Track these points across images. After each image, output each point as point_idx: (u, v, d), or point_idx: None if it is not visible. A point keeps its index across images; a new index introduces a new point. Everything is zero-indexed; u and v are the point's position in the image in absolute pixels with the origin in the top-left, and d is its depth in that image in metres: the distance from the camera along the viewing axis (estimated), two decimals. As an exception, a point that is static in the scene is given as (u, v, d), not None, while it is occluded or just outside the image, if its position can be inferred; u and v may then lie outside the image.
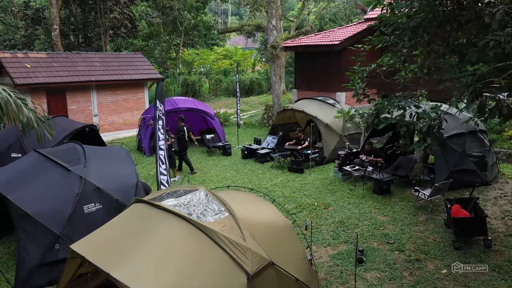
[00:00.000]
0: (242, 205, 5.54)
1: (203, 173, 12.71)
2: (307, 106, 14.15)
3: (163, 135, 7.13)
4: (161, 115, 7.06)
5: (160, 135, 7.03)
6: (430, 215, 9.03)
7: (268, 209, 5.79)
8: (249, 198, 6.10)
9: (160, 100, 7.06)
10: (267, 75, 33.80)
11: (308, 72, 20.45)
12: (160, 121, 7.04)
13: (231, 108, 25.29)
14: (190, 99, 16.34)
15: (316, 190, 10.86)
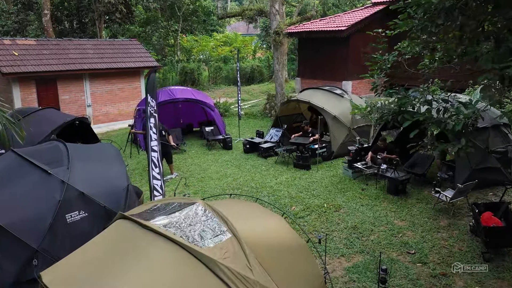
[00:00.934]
0: (246, 222, 4.67)
1: (202, 170, 11.83)
2: (313, 96, 13.21)
3: (156, 134, 6.23)
4: (153, 112, 6.15)
5: (152, 135, 6.13)
6: (453, 220, 8.18)
7: (278, 225, 4.92)
8: (255, 211, 5.22)
9: (151, 94, 6.14)
10: (269, 62, 32.72)
11: (312, 59, 19.48)
12: (152, 118, 6.13)
13: (231, 97, 24.32)
14: (189, 88, 15.39)
15: (325, 189, 9.99)
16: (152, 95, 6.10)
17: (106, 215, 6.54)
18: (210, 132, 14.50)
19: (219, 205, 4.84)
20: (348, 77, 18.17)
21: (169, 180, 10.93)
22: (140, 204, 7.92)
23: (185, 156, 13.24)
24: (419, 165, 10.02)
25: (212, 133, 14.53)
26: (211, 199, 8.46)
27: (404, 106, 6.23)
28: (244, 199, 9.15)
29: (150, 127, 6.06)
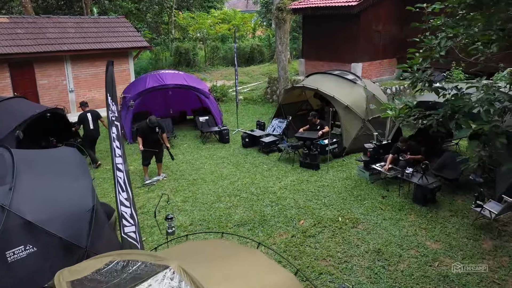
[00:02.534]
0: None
1: (195, 169, 10.25)
2: (321, 82, 11.51)
3: (120, 149, 4.58)
4: (114, 119, 4.48)
5: (116, 149, 4.48)
6: (499, 241, 6.66)
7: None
8: (255, 267, 3.64)
9: (111, 93, 4.45)
10: (269, 41, 30.73)
11: (318, 39, 17.64)
12: (114, 127, 4.47)
13: (229, 80, 22.55)
14: (180, 73, 13.67)
15: (338, 196, 8.45)
16: (112, 95, 4.43)
17: (64, 249, 5.04)
18: (204, 122, 12.87)
19: (200, 264, 3.29)
20: (358, 58, 16.39)
21: (154, 184, 9.37)
22: (113, 225, 6.42)
23: (176, 151, 11.64)
24: (450, 168, 8.45)
25: (207, 123, 12.89)
26: (195, 235, 6.97)
27: (458, 108, 4.59)
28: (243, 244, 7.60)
29: (112, 138, 4.42)
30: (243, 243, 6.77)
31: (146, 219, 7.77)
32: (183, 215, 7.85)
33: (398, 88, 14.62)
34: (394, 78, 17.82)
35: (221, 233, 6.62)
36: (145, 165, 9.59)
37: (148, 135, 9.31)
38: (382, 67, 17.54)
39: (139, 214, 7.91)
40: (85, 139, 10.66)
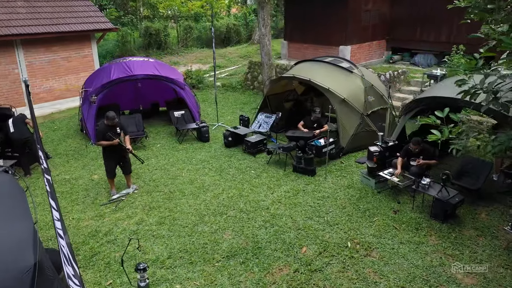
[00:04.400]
0: None
1: (171, 177, 8.77)
2: (313, 72, 10.11)
3: (58, 211, 3.06)
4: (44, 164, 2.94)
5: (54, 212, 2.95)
6: (542, 272, 5.58)
7: None
8: None
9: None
10: (246, 19, 28.92)
11: (303, 19, 16.13)
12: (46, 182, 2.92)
13: (205, 64, 20.83)
14: (151, 60, 11.94)
15: (342, 211, 7.20)
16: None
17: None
18: (180, 118, 11.30)
19: None
20: (347, 41, 15.02)
21: (123, 199, 7.86)
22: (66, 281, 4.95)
23: (148, 154, 10.10)
24: (471, 176, 7.31)
25: (183, 119, 11.33)
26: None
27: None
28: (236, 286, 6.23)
29: (47, 183, 2.89)
30: (235, 285, 5.46)
31: (114, 250, 6.32)
32: (159, 244, 6.43)
33: (391, 74, 13.39)
34: (383, 61, 16.60)
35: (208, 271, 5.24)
36: (110, 178, 8.04)
37: (110, 139, 7.67)
38: (371, 49, 16.26)
39: (104, 243, 6.45)
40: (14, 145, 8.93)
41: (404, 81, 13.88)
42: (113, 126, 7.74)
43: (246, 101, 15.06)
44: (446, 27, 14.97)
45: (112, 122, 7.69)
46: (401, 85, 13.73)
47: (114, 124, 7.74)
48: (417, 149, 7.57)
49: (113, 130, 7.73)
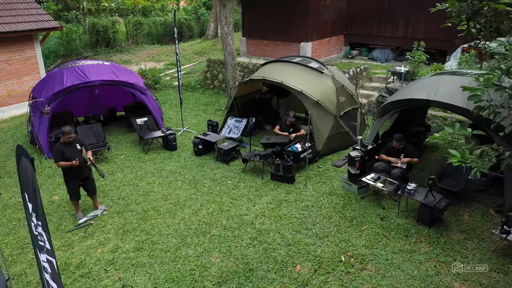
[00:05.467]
0: None
1: (142, 194, 8.14)
2: (283, 74, 9.80)
3: (49, 241, 2.48)
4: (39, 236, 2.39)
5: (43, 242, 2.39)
6: (532, 274, 5.69)
7: None
8: None
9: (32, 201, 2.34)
10: (197, 13, 28.02)
11: (261, 15, 15.76)
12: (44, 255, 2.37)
13: (159, 62, 19.90)
14: (106, 64, 11.02)
15: (329, 221, 7.00)
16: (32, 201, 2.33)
17: None
18: (143, 125, 10.58)
19: None
20: (308, 37, 14.85)
21: (92, 223, 7.16)
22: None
23: (112, 167, 9.35)
24: (451, 177, 7.36)
25: (147, 126, 10.62)
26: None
27: None
28: None
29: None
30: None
31: (90, 285, 5.68)
32: (141, 274, 5.87)
33: (354, 71, 13.40)
34: (342, 57, 16.67)
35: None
36: (74, 200, 7.29)
37: (68, 158, 6.89)
38: (330, 45, 16.24)
39: (78, 278, 5.79)
40: None
41: (367, 77, 13.97)
42: (70, 144, 6.97)
43: (208, 102, 14.51)
44: (403, 23, 15.24)
45: (69, 138, 6.91)
46: (363, 81, 13.81)
47: (71, 141, 6.97)
48: (400, 146, 7.54)
49: (72, 148, 6.97)
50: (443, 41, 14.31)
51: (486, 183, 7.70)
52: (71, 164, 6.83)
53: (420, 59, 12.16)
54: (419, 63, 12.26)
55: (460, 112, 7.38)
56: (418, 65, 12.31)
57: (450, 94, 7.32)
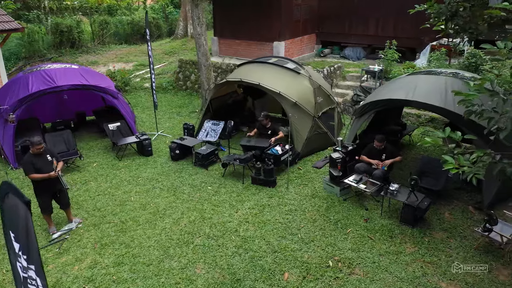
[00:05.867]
0: None
1: (119, 203, 7.80)
2: (260, 75, 9.66)
3: (35, 270, 2.24)
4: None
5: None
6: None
7: None
8: None
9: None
10: (165, 12, 27.44)
11: (233, 13, 15.54)
12: None
13: (127, 62, 19.31)
14: (75, 67, 10.52)
15: (314, 225, 6.93)
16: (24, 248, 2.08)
17: None
18: (116, 131, 10.18)
19: None
20: (281, 36, 14.77)
21: (67, 237, 6.79)
22: None
23: (85, 176, 8.94)
24: (431, 176, 7.45)
25: (120, 132, 10.22)
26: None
27: None
28: None
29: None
30: (223, 331, 4.90)
31: (68, 306, 5.36)
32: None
33: (328, 70, 13.43)
34: (315, 55, 16.70)
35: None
36: (47, 214, 6.90)
37: (38, 170, 6.52)
38: (303, 44, 16.23)
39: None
40: None
41: (341, 76, 14.04)
42: (40, 155, 6.59)
43: (182, 103, 14.19)
44: (373, 21, 15.41)
45: (38, 149, 6.52)
46: (337, 80, 13.86)
47: (41, 152, 6.59)
48: (382, 146, 7.57)
49: (42, 159, 6.59)
50: (412, 39, 14.56)
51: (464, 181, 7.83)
52: (48, 176, 6.45)
53: (393, 58, 12.30)
54: (392, 61, 12.41)
55: (436, 111, 7.48)
56: (391, 63, 12.46)
57: (427, 94, 7.41)
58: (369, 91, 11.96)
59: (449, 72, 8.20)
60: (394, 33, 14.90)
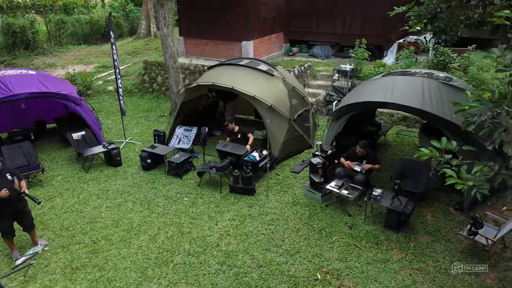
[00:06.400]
0: None
1: (89, 221, 7.26)
2: (233, 78, 9.32)
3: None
4: None
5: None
6: (497, 270, 5.81)
7: None
8: None
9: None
10: (125, 9, 26.43)
11: (199, 12, 15.07)
12: None
13: (88, 64, 18.38)
14: (32, 73, 9.74)
15: (298, 235, 6.70)
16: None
17: None
18: (81, 141, 9.54)
19: None
20: (249, 35, 14.45)
21: (32, 262, 6.22)
22: None
23: (49, 192, 8.30)
24: (411, 178, 7.39)
25: (85, 141, 9.59)
26: None
27: None
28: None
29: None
30: None
31: None
32: (100, 320, 5.15)
33: (299, 70, 13.26)
34: (283, 54, 16.50)
35: None
36: (8, 239, 6.29)
37: None
38: (271, 43, 15.99)
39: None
40: None
41: (311, 75, 13.91)
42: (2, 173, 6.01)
43: (149, 107, 13.61)
44: (340, 19, 15.38)
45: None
46: (308, 79, 13.73)
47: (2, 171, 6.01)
48: (364, 153, 7.43)
49: (2, 179, 6.00)
50: (380, 37, 14.66)
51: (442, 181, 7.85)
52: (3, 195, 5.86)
53: (363, 57, 12.29)
54: (362, 60, 12.40)
55: (414, 113, 7.44)
56: (361, 62, 12.45)
57: (405, 95, 7.34)
58: (342, 91, 11.89)
59: (423, 72, 8.19)
60: (361, 31, 14.94)
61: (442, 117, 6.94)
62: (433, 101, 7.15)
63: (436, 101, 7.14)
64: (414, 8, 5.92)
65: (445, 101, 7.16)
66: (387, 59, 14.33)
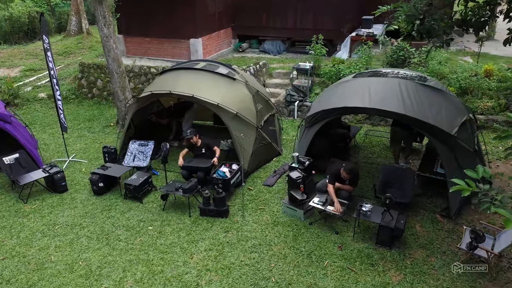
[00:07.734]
0: None
1: (34, 269, 6.02)
2: (190, 84, 8.34)
3: None
4: None
5: None
6: (504, 286, 5.55)
7: None
8: None
9: None
10: (50, 4, 23.94)
11: (140, 8, 13.73)
12: None
13: (12, 68, 16.21)
14: None
15: (285, 262, 6.01)
16: None
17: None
18: (15, 165, 8.06)
19: None
20: (197, 33, 13.39)
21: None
22: None
23: (-20, 232, 6.87)
24: (395, 187, 6.97)
25: (20, 165, 8.12)
26: None
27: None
28: None
29: None
30: None
31: None
32: None
33: (255, 68, 12.51)
34: (233, 51, 15.65)
35: None
36: None
37: None
38: (220, 39, 15.07)
39: None
40: None
41: (267, 73, 13.22)
42: None
43: (91, 116, 12.16)
44: (291, 13, 14.82)
45: None
46: (265, 78, 13.03)
47: None
48: (350, 177, 6.83)
49: None
50: (332, 30, 14.30)
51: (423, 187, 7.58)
52: None
53: (322, 53, 11.80)
54: (320, 56, 11.91)
55: (395, 118, 7.04)
56: (319, 58, 11.97)
57: (384, 100, 6.89)
58: (303, 90, 11.33)
59: (396, 72, 7.80)
60: (313, 25, 14.50)
61: (425, 121, 6.58)
62: (414, 104, 6.76)
63: (417, 104, 6.77)
64: (404, 7, 5.39)
65: (425, 103, 6.84)
66: (340, 53, 14.02)
